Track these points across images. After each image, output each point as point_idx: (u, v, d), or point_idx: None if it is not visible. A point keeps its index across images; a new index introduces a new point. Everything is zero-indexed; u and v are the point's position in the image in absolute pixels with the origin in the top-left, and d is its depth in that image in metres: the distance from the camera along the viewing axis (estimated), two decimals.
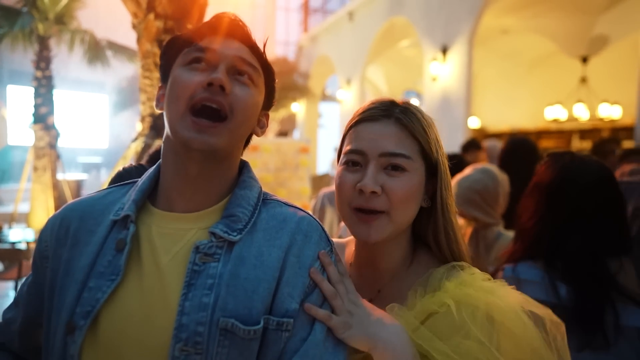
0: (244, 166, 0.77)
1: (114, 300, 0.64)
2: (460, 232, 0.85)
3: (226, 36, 0.70)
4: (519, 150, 2.46)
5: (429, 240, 0.83)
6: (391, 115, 0.79)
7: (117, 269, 0.65)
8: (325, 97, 14.21)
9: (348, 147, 0.80)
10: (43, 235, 0.74)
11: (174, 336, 0.60)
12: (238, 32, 0.72)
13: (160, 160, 0.74)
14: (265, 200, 0.74)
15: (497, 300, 0.73)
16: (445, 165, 0.83)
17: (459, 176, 1.83)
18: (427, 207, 0.83)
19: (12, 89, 12.87)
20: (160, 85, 0.75)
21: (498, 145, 3.94)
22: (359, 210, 0.78)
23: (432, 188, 0.83)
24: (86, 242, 0.69)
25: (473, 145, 3.91)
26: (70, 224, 0.71)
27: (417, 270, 0.82)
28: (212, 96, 0.65)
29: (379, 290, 0.83)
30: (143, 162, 1.38)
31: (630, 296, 1.07)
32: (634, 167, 2.64)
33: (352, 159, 0.79)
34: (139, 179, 0.76)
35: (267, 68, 0.76)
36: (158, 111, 0.74)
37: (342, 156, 0.83)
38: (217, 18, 0.72)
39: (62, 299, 0.66)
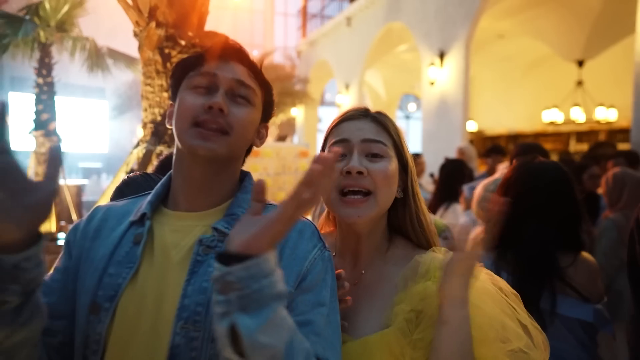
0: (246, 175, 0.87)
1: (131, 285, 0.74)
2: (429, 219, 0.97)
3: (226, 59, 0.79)
4: (528, 154, 2.46)
5: (406, 227, 0.95)
6: (368, 115, 0.93)
7: (135, 258, 0.75)
8: (324, 102, 14.28)
9: (332, 140, 0.92)
10: (74, 228, 0.84)
11: (177, 315, 0.70)
12: (237, 55, 0.80)
13: (172, 169, 0.85)
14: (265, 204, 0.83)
15: (478, 283, 0.84)
16: (413, 165, 0.96)
17: (486, 180, 1.90)
18: (400, 198, 0.94)
19: (14, 96, 12.91)
20: (170, 103, 0.85)
21: (471, 147, 4.08)
22: (345, 194, 0.88)
23: (403, 182, 0.94)
24: (106, 237, 0.80)
25: (495, 150, 3.92)
26: (95, 222, 0.83)
27: (395, 253, 0.94)
28: (212, 118, 0.75)
29: (362, 273, 0.92)
30: (153, 169, 1.42)
31: (573, 287, 1.20)
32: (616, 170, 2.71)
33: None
34: (154, 188, 0.87)
35: (264, 85, 0.84)
36: (168, 127, 0.83)
37: (327, 150, 0.93)
38: (218, 43, 0.80)
39: (83, 283, 0.76)
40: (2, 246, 0.57)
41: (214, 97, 0.76)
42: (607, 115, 7.78)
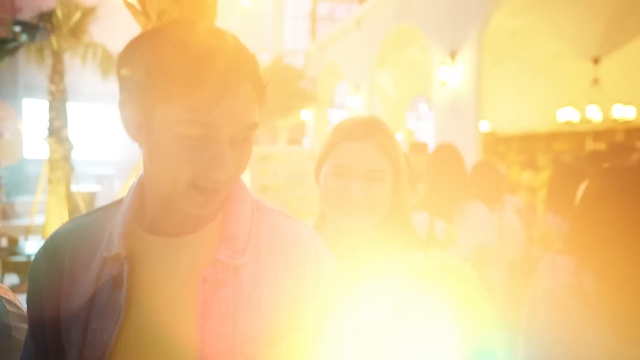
0: None
1: (122, 338, 0.62)
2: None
3: (228, 82, 0.58)
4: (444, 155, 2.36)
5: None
6: (370, 136, 0.95)
7: (118, 308, 0.63)
8: (335, 104, 14.23)
9: (336, 162, 0.96)
10: (34, 275, 0.69)
11: None
12: (242, 69, 0.60)
13: (144, 181, 0.70)
14: (258, 209, 0.73)
15: None
16: (404, 184, 1.01)
17: None
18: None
19: (27, 103, 13.11)
20: (126, 106, 0.63)
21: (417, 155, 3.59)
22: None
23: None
24: (83, 277, 0.66)
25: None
26: (64, 258, 0.68)
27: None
28: (214, 186, 0.62)
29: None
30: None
31: None
32: None
33: (339, 172, 0.95)
34: (124, 202, 0.71)
35: (263, 95, 0.66)
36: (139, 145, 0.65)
37: (329, 166, 0.97)
38: (215, 57, 0.57)
39: (67, 336, 0.66)
40: None
41: (219, 166, 0.60)
42: (624, 113, 7.58)
